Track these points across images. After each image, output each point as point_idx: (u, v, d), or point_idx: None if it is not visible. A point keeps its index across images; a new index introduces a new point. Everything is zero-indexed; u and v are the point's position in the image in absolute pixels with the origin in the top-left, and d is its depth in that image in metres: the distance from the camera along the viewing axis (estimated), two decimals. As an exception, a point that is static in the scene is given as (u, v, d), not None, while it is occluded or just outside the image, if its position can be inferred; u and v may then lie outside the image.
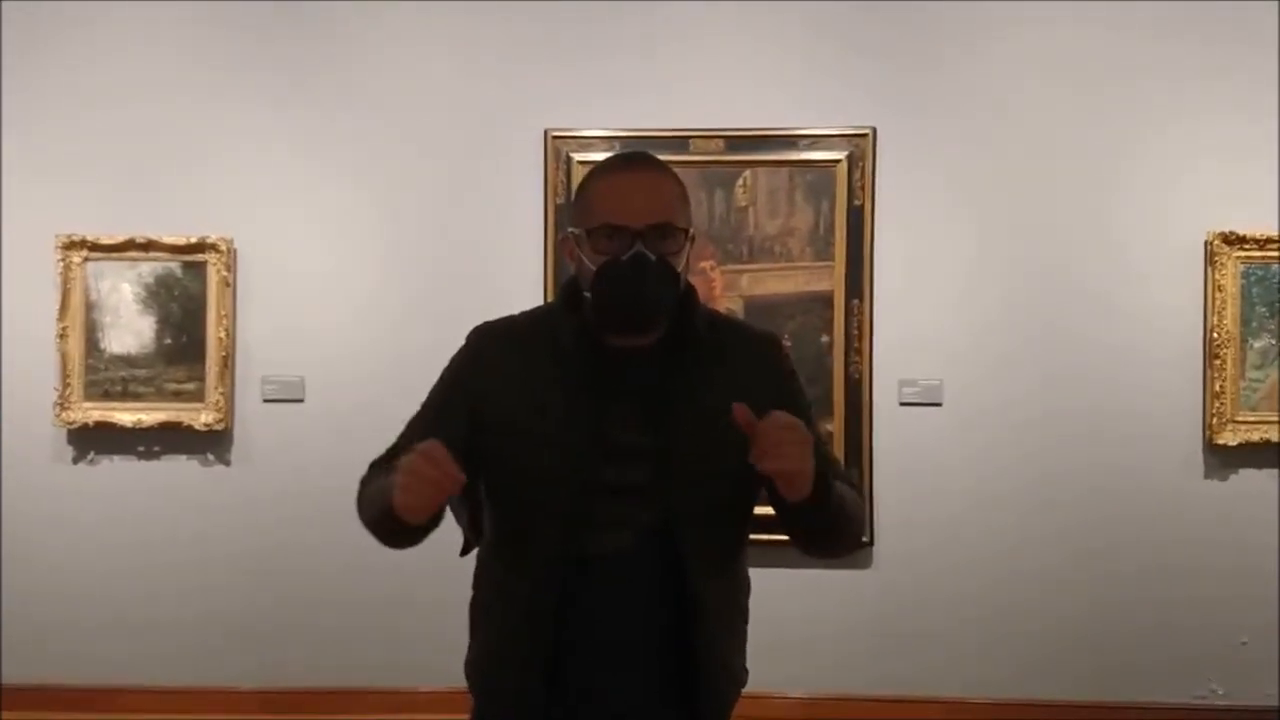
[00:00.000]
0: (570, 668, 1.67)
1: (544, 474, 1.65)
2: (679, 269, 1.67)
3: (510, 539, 1.72)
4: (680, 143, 3.94)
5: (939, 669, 4.01)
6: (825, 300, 3.99)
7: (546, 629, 1.65)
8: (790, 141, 3.99)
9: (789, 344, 3.40)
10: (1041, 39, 4.02)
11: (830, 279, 3.99)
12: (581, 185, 1.75)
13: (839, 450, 3.86)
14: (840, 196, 3.97)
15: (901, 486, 3.98)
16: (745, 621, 1.80)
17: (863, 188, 3.97)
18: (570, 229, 1.73)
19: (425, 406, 1.80)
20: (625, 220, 1.63)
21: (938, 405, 4.01)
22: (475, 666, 1.79)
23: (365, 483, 1.77)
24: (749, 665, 1.82)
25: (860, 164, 3.97)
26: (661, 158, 1.76)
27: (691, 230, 1.70)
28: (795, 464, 1.53)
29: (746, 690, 1.82)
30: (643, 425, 1.66)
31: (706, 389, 1.67)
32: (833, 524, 1.67)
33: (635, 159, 1.74)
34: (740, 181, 4.01)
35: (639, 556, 1.66)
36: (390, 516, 1.56)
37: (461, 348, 1.79)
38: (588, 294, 1.67)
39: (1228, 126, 3.96)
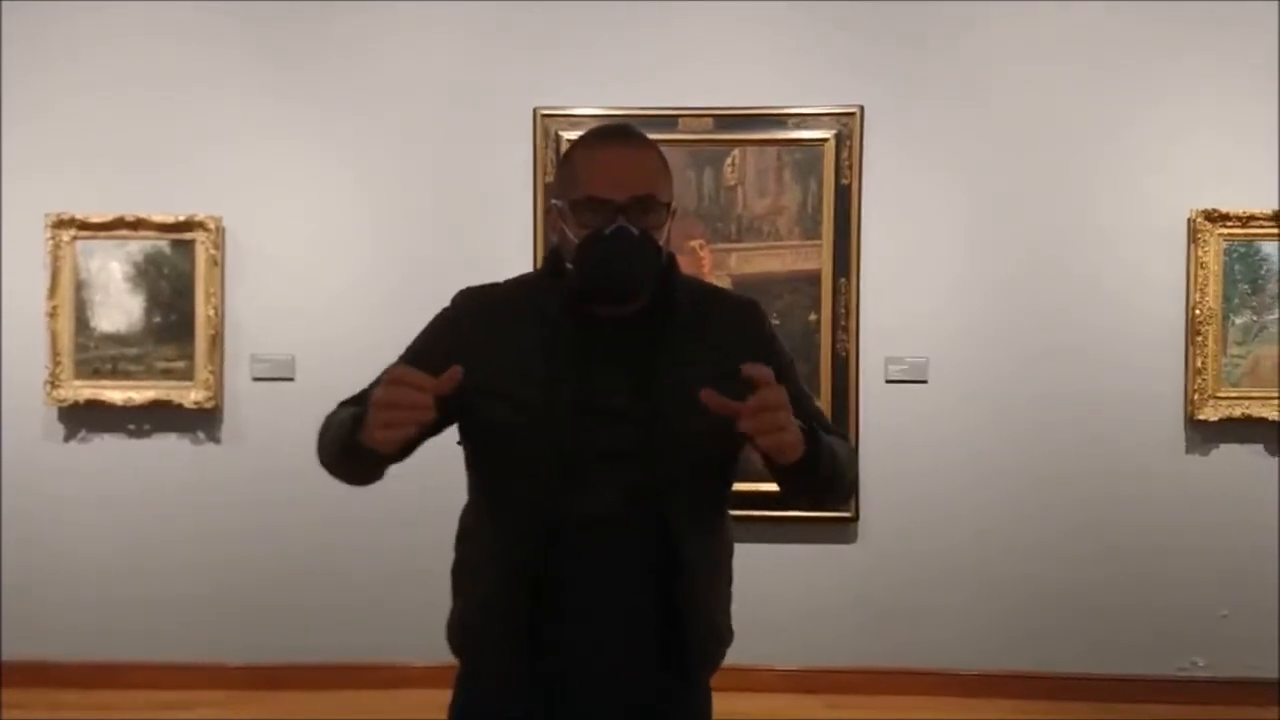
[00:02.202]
0: (556, 630, 1.67)
1: (526, 437, 1.66)
2: (661, 242, 1.67)
3: (494, 502, 1.73)
4: (668, 121, 3.96)
5: (924, 642, 4.05)
6: (813, 279, 4.01)
7: (531, 592, 1.66)
8: (778, 120, 4.00)
9: (777, 322, 3.43)
10: (1027, 19, 4.03)
11: (818, 258, 4.01)
12: (565, 157, 1.74)
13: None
14: (828, 175, 3.99)
15: (887, 463, 4.01)
16: (729, 583, 1.82)
17: (850, 167, 3.99)
18: (554, 200, 1.73)
19: (403, 355, 1.77)
20: (608, 193, 1.63)
21: (924, 383, 4.04)
22: (459, 629, 1.78)
23: (329, 418, 1.73)
24: (734, 628, 1.83)
25: (848, 143, 3.98)
26: (649, 136, 1.75)
27: (674, 203, 1.71)
28: (784, 435, 1.51)
29: (732, 663, 1.84)
30: (627, 391, 1.67)
31: (689, 356, 1.68)
32: (827, 478, 1.67)
33: (618, 131, 1.74)
34: (729, 160, 4.02)
35: (625, 519, 1.67)
36: (356, 447, 1.53)
37: (446, 307, 1.79)
38: (570, 265, 1.67)
39: (1211, 106, 3.99)
